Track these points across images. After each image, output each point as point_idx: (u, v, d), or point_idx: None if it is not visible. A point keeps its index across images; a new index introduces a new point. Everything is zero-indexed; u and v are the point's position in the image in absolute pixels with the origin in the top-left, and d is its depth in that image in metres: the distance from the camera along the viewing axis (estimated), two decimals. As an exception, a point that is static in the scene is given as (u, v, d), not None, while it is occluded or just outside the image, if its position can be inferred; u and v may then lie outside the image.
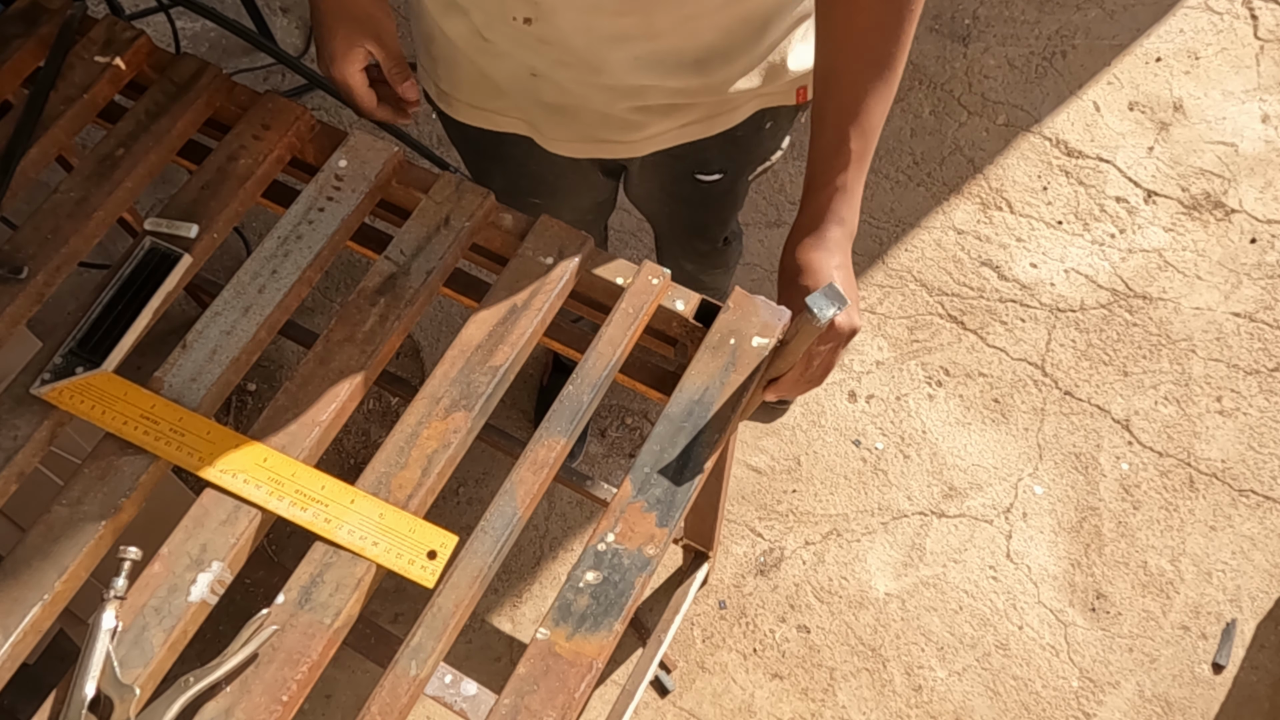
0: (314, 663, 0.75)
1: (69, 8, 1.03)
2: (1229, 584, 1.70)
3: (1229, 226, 2.01)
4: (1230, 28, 2.23)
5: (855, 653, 1.66)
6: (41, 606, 0.76)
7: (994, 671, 1.65)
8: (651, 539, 0.79)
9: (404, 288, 0.90)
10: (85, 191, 0.93)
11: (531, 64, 0.96)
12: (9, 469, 0.82)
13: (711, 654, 1.67)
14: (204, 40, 2.19)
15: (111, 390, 0.84)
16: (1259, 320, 1.91)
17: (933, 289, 1.96)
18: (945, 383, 1.87)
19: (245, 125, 0.98)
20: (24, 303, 0.89)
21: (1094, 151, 2.09)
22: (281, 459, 0.82)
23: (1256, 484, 1.77)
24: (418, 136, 2.08)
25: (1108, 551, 1.73)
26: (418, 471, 0.82)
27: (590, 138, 1.05)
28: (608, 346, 0.88)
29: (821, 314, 0.72)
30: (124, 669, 0.74)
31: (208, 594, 0.77)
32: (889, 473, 1.80)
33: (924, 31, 2.22)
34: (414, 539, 0.79)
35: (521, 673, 0.75)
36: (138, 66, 1.03)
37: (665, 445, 0.83)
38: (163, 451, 0.81)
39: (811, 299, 0.73)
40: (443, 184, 0.95)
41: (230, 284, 0.90)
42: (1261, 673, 1.64)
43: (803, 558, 1.73)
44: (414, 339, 1.91)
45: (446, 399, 0.85)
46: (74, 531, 0.79)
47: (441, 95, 1.09)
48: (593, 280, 0.93)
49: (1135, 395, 1.85)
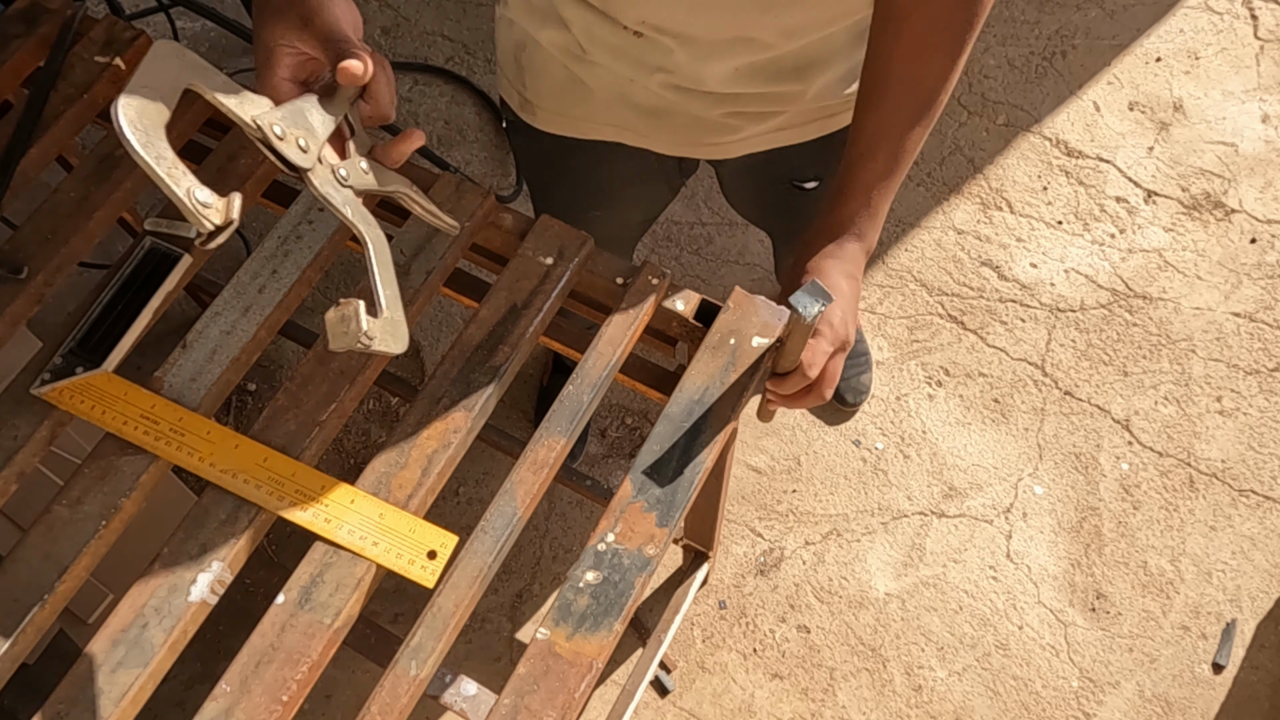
0: (314, 663, 0.75)
1: (69, 8, 1.02)
2: (1229, 584, 1.70)
3: (1229, 226, 2.01)
4: (1230, 28, 2.23)
5: (855, 653, 1.66)
6: (41, 606, 0.76)
7: (994, 671, 1.65)
8: (651, 539, 0.79)
9: (404, 288, 0.90)
10: (85, 191, 0.93)
11: (630, 74, 0.95)
12: (9, 469, 0.82)
13: (711, 654, 1.67)
14: (204, 40, 2.19)
15: (111, 390, 0.84)
16: (1259, 320, 1.91)
17: (933, 289, 1.96)
18: (945, 383, 1.87)
19: (245, 125, 0.98)
20: (24, 303, 0.89)
21: (1094, 151, 2.09)
22: (281, 459, 0.82)
23: (1256, 484, 1.77)
24: (418, 136, 2.08)
25: (1108, 551, 1.73)
26: (418, 471, 0.82)
27: (682, 141, 1.05)
28: (608, 346, 0.88)
29: (806, 310, 0.72)
30: (123, 669, 0.74)
31: (208, 594, 0.77)
32: (889, 473, 1.80)
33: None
34: (414, 539, 0.79)
35: (521, 673, 0.75)
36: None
37: (665, 445, 0.83)
38: (163, 451, 0.81)
39: (795, 297, 0.73)
40: (443, 184, 0.95)
41: (230, 284, 0.90)
42: (1261, 673, 1.64)
43: (803, 558, 1.73)
44: (414, 339, 1.91)
45: (446, 399, 0.85)
46: (74, 531, 0.79)
47: (525, 104, 1.08)
48: (593, 280, 0.93)
49: (1135, 395, 1.85)
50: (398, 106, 2.10)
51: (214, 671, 1.56)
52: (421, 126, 2.10)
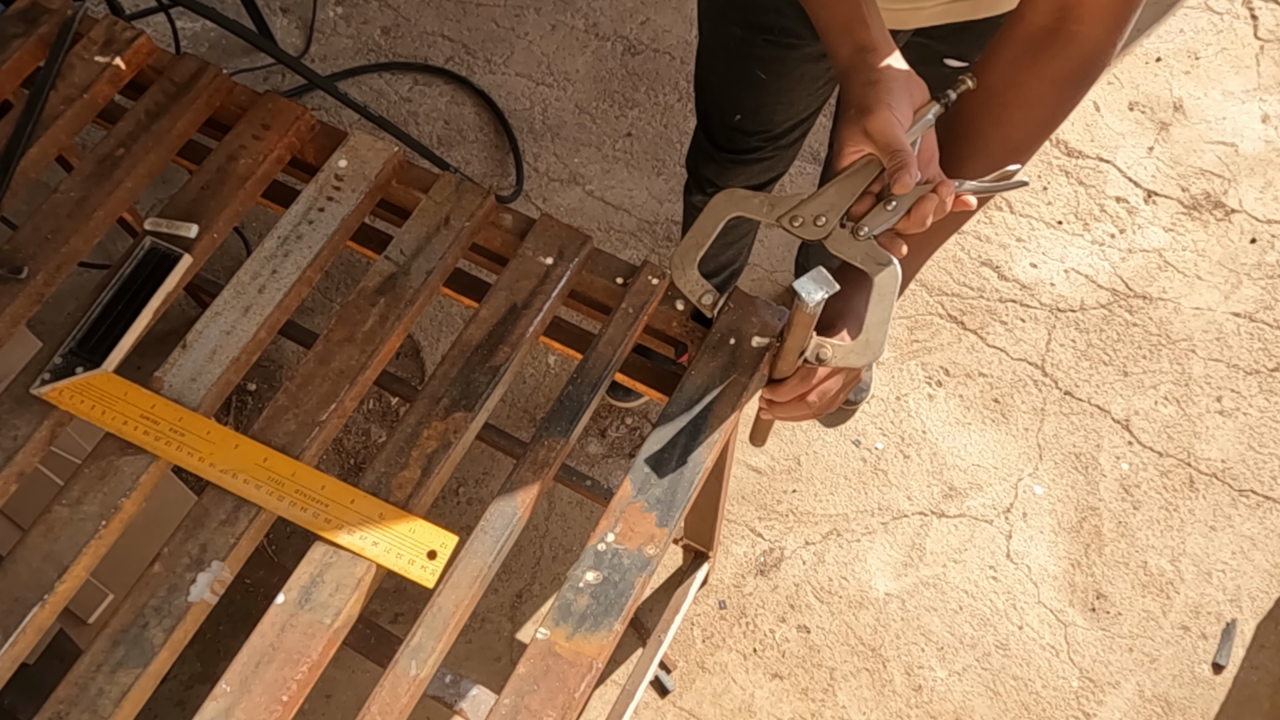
0: (314, 663, 0.75)
1: (69, 8, 1.03)
2: (1229, 584, 1.70)
3: (1229, 226, 2.01)
4: (1230, 28, 2.23)
5: (855, 653, 1.66)
6: (41, 606, 0.76)
7: (994, 671, 1.65)
8: (651, 539, 0.79)
9: (404, 288, 0.90)
10: (85, 191, 0.93)
11: None
12: (9, 469, 0.82)
13: (711, 654, 1.67)
14: (204, 40, 2.19)
15: (111, 390, 0.84)
16: (1259, 320, 1.91)
17: (933, 289, 1.96)
18: (945, 383, 1.87)
19: (245, 125, 0.98)
20: (24, 303, 0.89)
21: (1094, 151, 2.09)
22: (281, 459, 0.82)
23: (1256, 484, 1.77)
24: (418, 136, 2.08)
25: (1108, 551, 1.73)
26: (418, 471, 0.82)
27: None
28: (608, 346, 0.88)
29: (809, 296, 0.71)
30: (123, 669, 0.74)
31: (208, 594, 0.77)
32: (889, 473, 1.80)
33: (924, 31, 2.22)
34: (414, 539, 0.79)
35: (521, 673, 0.75)
36: (138, 66, 1.03)
37: (665, 445, 0.83)
38: (163, 451, 0.81)
39: (799, 283, 0.72)
40: (443, 184, 0.95)
41: (230, 284, 0.90)
42: (1261, 673, 1.64)
43: (803, 558, 1.73)
44: (414, 339, 1.91)
45: (446, 399, 0.85)
46: (74, 531, 0.79)
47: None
48: (593, 280, 0.93)
49: (1135, 395, 1.85)
50: (398, 107, 2.10)
51: (214, 671, 1.56)
52: (421, 126, 2.10)
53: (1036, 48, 0.80)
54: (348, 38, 2.19)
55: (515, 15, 2.23)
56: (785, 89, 1.24)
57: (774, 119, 1.30)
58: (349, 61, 2.16)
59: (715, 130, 1.37)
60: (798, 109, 1.29)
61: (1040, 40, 0.80)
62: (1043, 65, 0.81)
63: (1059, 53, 0.80)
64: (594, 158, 2.06)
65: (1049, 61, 0.80)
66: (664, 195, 2.02)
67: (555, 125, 2.09)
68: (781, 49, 1.17)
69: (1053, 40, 0.80)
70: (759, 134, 1.32)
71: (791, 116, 1.30)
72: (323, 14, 2.22)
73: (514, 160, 2.05)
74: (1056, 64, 0.80)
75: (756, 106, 1.27)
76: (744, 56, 1.20)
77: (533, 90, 2.13)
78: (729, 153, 1.38)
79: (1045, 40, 0.80)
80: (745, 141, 1.34)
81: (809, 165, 2.04)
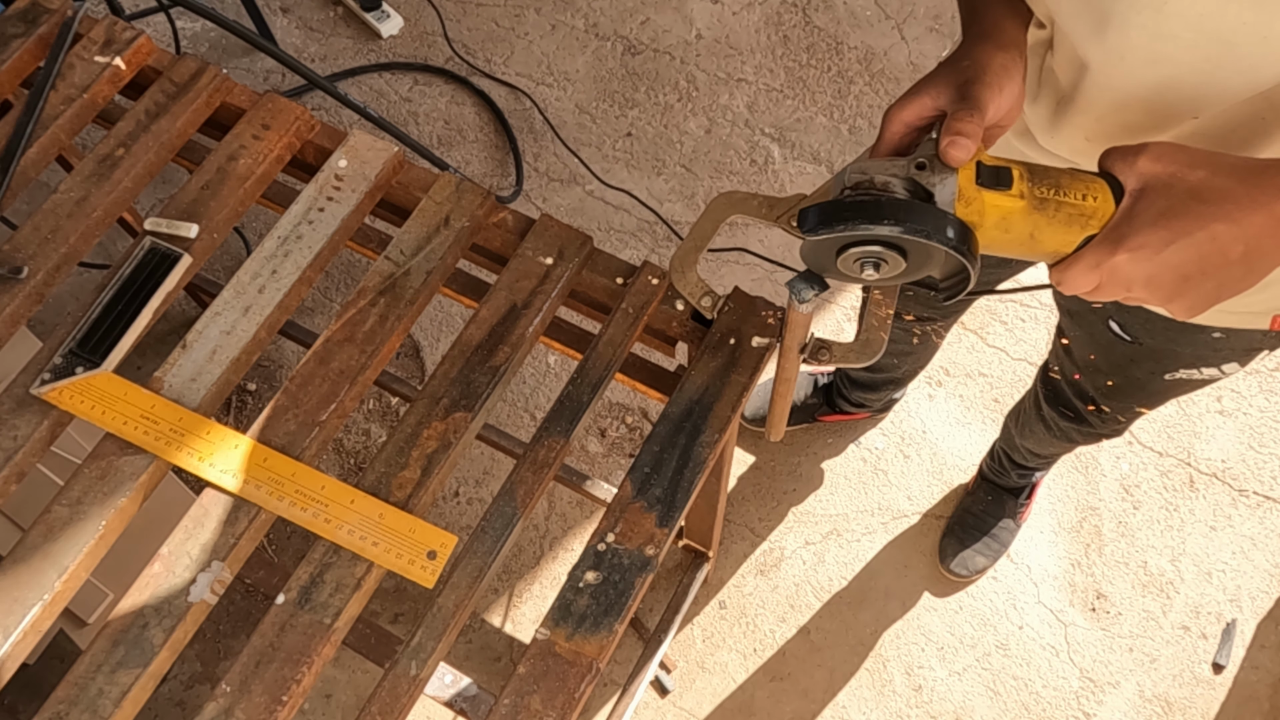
0: (314, 663, 0.75)
1: (69, 8, 1.03)
2: (1229, 584, 1.70)
3: (1229, 226, 2.01)
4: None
5: (855, 653, 1.66)
6: (41, 606, 0.77)
7: (994, 671, 1.65)
8: (651, 539, 0.79)
9: (404, 288, 0.90)
10: (85, 191, 0.93)
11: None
12: (9, 469, 0.82)
13: (711, 654, 1.67)
14: (204, 40, 2.19)
15: (111, 390, 0.84)
16: (1259, 320, 1.91)
17: (933, 289, 1.96)
18: (945, 383, 1.87)
19: (245, 125, 0.98)
20: (24, 303, 0.89)
21: (1094, 151, 2.09)
22: (281, 459, 0.82)
23: (1256, 484, 1.77)
24: (418, 136, 2.08)
25: (1108, 551, 1.73)
26: (418, 471, 0.82)
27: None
28: (607, 347, 0.88)
29: (799, 294, 0.71)
30: (123, 669, 0.74)
31: (208, 594, 0.77)
32: (889, 473, 1.80)
33: (924, 31, 2.22)
34: (414, 539, 0.79)
35: (521, 673, 0.75)
36: (137, 66, 1.03)
37: (665, 445, 0.83)
38: (163, 451, 0.81)
39: (791, 282, 0.71)
40: (443, 184, 0.95)
41: (230, 284, 0.90)
42: (1261, 673, 1.64)
43: (803, 558, 1.73)
44: (414, 339, 1.91)
45: (446, 399, 0.85)
46: (74, 531, 0.79)
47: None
48: (593, 280, 0.93)
49: (1135, 395, 1.85)
50: (398, 107, 2.10)
51: (214, 671, 1.56)
52: (421, 126, 2.10)
53: None
54: (348, 38, 2.20)
55: (515, 15, 2.23)
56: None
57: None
58: (349, 61, 2.16)
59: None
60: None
61: None
62: None
63: None
64: (594, 157, 2.06)
65: None
66: (664, 195, 2.02)
67: (555, 125, 2.09)
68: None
69: None
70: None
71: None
72: (323, 14, 2.22)
73: (514, 160, 2.06)
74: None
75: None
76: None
77: (533, 90, 2.13)
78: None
79: None
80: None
81: (809, 165, 2.04)
